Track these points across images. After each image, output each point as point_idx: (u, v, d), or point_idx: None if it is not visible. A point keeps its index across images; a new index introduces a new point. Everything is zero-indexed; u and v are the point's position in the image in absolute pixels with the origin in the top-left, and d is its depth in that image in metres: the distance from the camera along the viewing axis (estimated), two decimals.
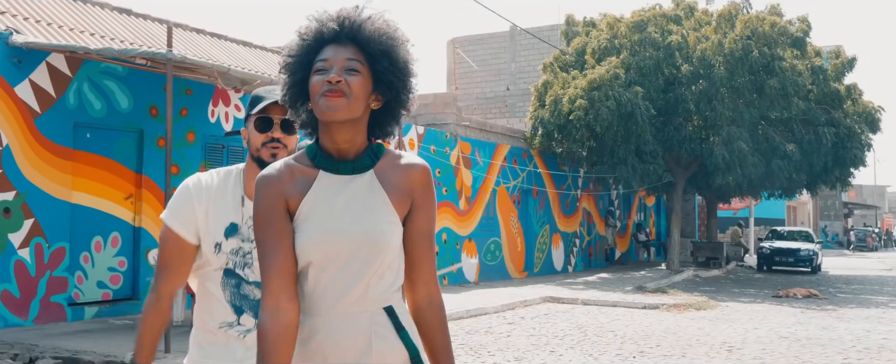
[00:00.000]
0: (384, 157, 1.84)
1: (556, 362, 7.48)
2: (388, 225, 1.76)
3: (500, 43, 32.44)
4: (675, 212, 20.36)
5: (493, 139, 17.77)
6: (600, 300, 13.13)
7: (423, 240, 1.81)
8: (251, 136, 2.32)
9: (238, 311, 2.31)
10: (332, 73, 1.74)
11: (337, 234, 1.75)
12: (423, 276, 1.81)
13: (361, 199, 1.78)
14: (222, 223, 2.28)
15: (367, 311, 1.76)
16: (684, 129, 18.64)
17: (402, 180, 1.81)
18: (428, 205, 1.82)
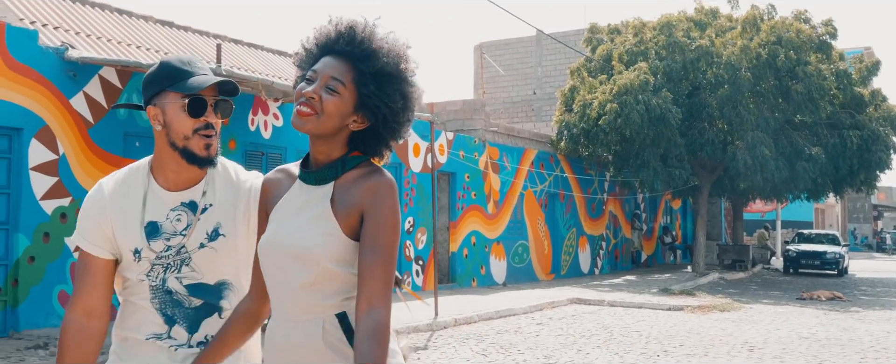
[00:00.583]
0: (354, 170, 1.82)
1: (584, 360, 7.84)
2: (322, 237, 1.75)
3: (526, 47, 32.81)
4: (701, 215, 20.58)
5: (521, 144, 18.15)
6: (626, 302, 13.46)
7: (366, 252, 1.75)
8: (176, 120, 2.01)
9: (169, 322, 2.08)
10: (313, 87, 1.75)
11: (275, 242, 1.80)
12: (365, 290, 1.73)
13: (308, 210, 1.79)
14: (137, 226, 2.06)
15: (317, 317, 1.78)
16: (708, 134, 18.87)
17: (354, 193, 1.78)
18: (376, 216, 1.75)
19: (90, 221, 2.07)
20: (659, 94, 17.47)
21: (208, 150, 2.02)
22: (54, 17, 10.48)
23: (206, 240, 2.07)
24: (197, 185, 2.09)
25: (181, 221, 2.07)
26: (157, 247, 2.04)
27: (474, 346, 8.74)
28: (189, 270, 2.06)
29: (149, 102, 2.04)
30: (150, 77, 2.07)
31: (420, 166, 14.62)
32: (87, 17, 10.81)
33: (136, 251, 2.04)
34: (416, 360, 7.83)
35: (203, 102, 2.00)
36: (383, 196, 1.76)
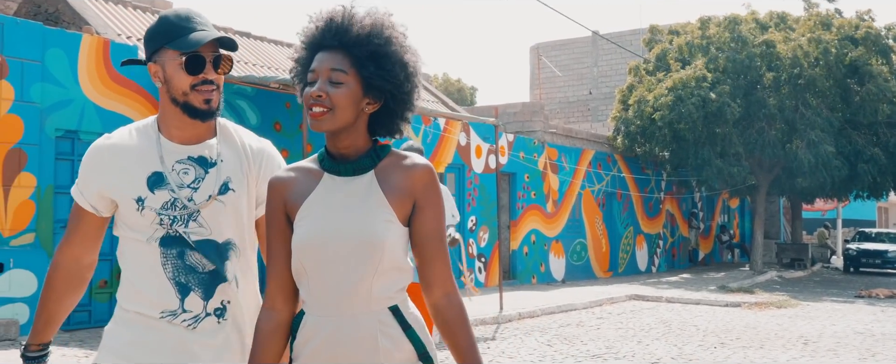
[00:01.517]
0: (387, 158, 1.82)
1: (644, 351, 8.32)
2: (383, 224, 1.73)
3: (582, 48, 33.11)
4: (759, 214, 20.71)
5: (579, 145, 18.59)
6: (683, 298, 13.83)
7: (430, 240, 1.78)
8: (175, 77, 1.99)
9: (183, 291, 2.00)
10: (317, 86, 1.73)
11: (329, 234, 1.74)
12: (438, 277, 1.78)
13: (358, 199, 1.76)
14: (141, 175, 2.01)
15: (371, 310, 1.74)
16: (767, 132, 19.02)
17: (403, 180, 1.78)
18: (431, 204, 1.78)
19: (88, 173, 2.05)
20: (716, 89, 17.70)
21: (208, 105, 2.00)
22: None
23: (216, 193, 2.03)
24: (206, 141, 2.08)
25: (189, 175, 2.03)
26: (162, 196, 1.99)
27: (539, 337, 9.28)
28: (196, 226, 2.01)
29: (150, 59, 2.04)
30: (149, 33, 2.04)
31: (482, 167, 15.19)
32: None
33: (139, 199, 1.99)
34: (486, 349, 8.41)
35: (201, 59, 1.98)
36: (434, 183, 1.79)
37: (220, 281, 2.02)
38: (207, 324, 2.01)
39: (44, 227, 8.70)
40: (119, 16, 11.54)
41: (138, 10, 12.19)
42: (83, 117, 9.06)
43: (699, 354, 8.13)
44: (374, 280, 1.73)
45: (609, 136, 19.86)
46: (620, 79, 30.88)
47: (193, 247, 2.00)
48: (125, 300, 2.04)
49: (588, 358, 7.83)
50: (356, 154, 1.80)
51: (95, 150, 2.06)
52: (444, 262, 1.78)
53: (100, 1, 11.61)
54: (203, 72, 1.99)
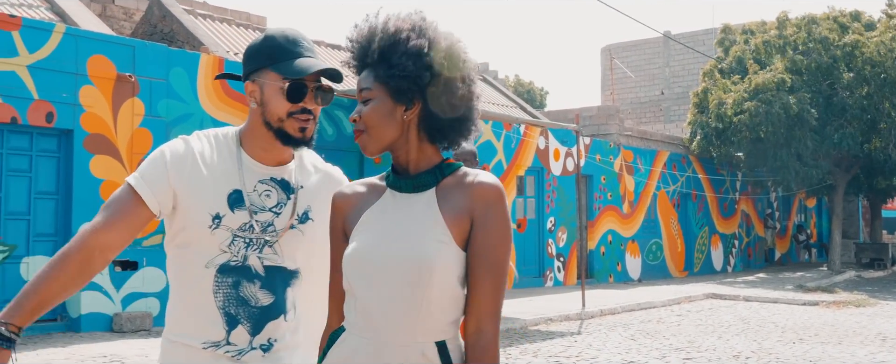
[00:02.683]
0: (452, 175, 1.67)
1: (725, 346, 8.78)
2: (435, 244, 1.57)
3: (653, 48, 33.24)
4: (836, 213, 20.69)
5: (653, 146, 18.96)
6: (761, 297, 14.13)
7: (478, 265, 1.58)
8: (273, 101, 1.89)
9: (231, 323, 1.90)
10: (354, 112, 1.67)
11: (377, 251, 1.60)
12: (475, 307, 1.58)
13: (413, 218, 1.62)
14: (222, 190, 1.89)
15: (416, 342, 1.58)
16: (845, 130, 18.99)
17: (463, 199, 1.62)
18: (488, 226, 1.59)
19: (163, 171, 1.89)
20: (796, 94, 17.83)
21: (303, 133, 1.90)
22: None
23: (297, 221, 1.95)
24: (287, 164, 1.99)
25: (271, 198, 1.94)
26: (240, 217, 1.89)
27: (622, 332, 9.81)
28: (271, 252, 1.92)
29: (248, 77, 1.93)
30: (252, 50, 1.94)
31: (560, 170, 15.74)
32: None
33: (217, 217, 1.87)
34: (574, 342, 8.99)
35: (304, 88, 1.88)
36: (495, 203, 1.60)
37: (271, 317, 1.92)
38: (252, 357, 1.91)
39: None
40: (225, 34, 12.50)
41: (242, 28, 13.15)
42: (202, 129, 9.97)
43: (778, 349, 8.56)
44: (422, 307, 1.56)
45: (685, 140, 20.13)
46: (692, 79, 30.93)
47: (253, 278, 1.90)
48: (171, 328, 1.95)
49: (672, 351, 8.35)
50: (417, 169, 1.67)
51: (176, 152, 1.91)
52: (487, 294, 1.57)
53: (208, 20, 12.60)
54: (303, 101, 1.89)
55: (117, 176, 9.09)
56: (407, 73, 1.60)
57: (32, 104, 8.57)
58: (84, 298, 8.67)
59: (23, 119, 8.49)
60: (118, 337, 8.38)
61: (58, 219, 8.91)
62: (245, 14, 15.13)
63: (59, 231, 8.89)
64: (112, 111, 9.16)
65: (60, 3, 10.41)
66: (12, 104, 8.41)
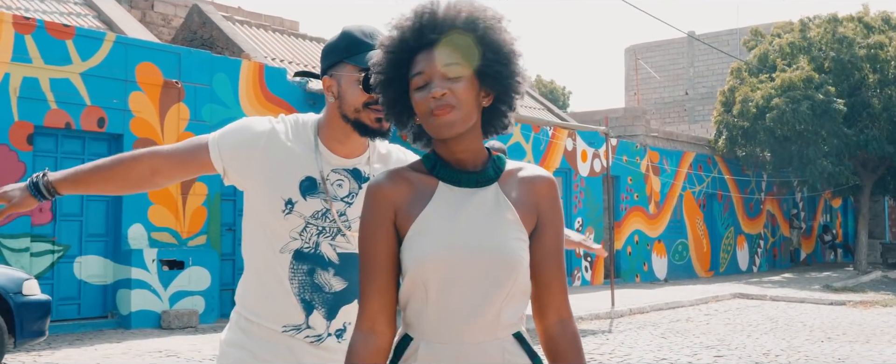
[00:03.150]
0: (507, 170, 1.65)
1: (754, 344, 8.99)
2: (516, 242, 1.57)
3: (678, 48, 33.28)
4: (863, 214, 20.73)
5: (679, 147, 19.12)
6: (788, 297, 14.28)
7: (551, 259, 1.60)
8: (349, 92, 1.90)
9: (308, 308, 1.93)
10: (435, 87, 1.52)
11: (461, 251, 1.54)
12: (554, 301, 1.61)
13: (487, 214, 1.58)
14: (295, 176, 1.91)
15: (497, 338, 1.57)
16: (870, 132, 19.06)
17: (528, 194, 1.62)
18: (555, 220, 1.62)
19: (240, 145, 1.92)
20: (823, 89, 17.91)
21: (380, 123, 1.91)
22: (297, 55, 12.64)
23: None
24: (361, 154, 2.01)
25: (343, 188, 1.96)
26: (313, 205, 1.91)
27: (652, 330, 10.04)
28: (344, 240, 1.94)
29: (325, 72, 1.97)
30: (329, 46, 1.98)
31: (587, 171, 15.97)
32: (317, 54, 12.91)
33: (289, 202, 1.89)
34: (605, 340, 9.23)
35: None
36: (557, 198, 1.65)
37: (344, 302, 1.95)
38: (329, 343, 1.95)
39: (213, 230, 9.98)
40: (262, 39, 12.85)
41: (277, 33, 13.50)
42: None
43: (807, 348, 8.75)
44: (504, 304, 1.55)
45: (710, 140, 20.27)
46: (717, 79, 30.98)
47: (326, 265, 1.92)
48: (247, 307, 1.97)
49: (702, 349, 8.57)
50: (473, 162, 1.61)
51: (255, 131, 1.93)
52: (562, 286, 1.61)
53: (245, 26, 12.95)
54: None
55: None
56: (511, 66, 1.58)
57: (85, 110, 8.94)
58: (134, 296, 9.03)
59: (76, 124, 8.86)
60: (167, 333, 8.73)
61: (108, 220, 9.28)
62: (278, 19, 15.49)
63: (110, 232, 9.26)
64: (159, 116, 9.52)
65: (107, 11, 10.80)
66: (67, 110, 8.79)
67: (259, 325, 1.94)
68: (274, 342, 1.92)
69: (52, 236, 8.79)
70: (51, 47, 8.67)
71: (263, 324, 1.93)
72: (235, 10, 14.82)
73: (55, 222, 8.85)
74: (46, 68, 8.63)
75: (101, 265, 9.15)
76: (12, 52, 8.39)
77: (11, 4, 10.09)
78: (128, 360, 7.09)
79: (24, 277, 6.26)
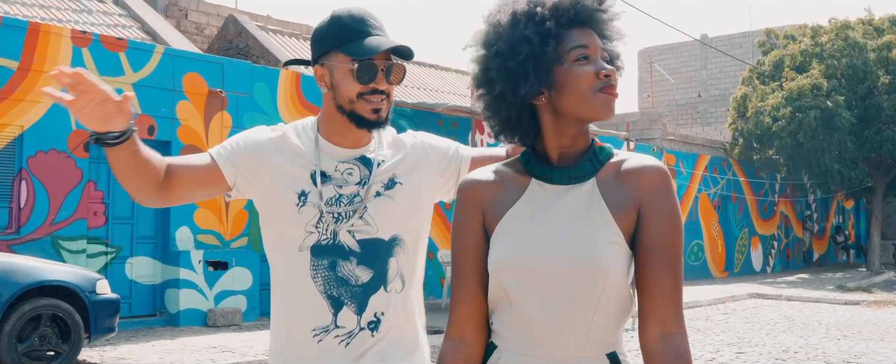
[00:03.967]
0: (609, 162, 1.48)
1: (773, 342, 9.40)
2: (607, 245, 1.40)
3: (690, 51, 33.63)
4: (875, 215, 21.07)
5: (695, 150, 19.52)
6: (803, 297, 14.67)
7: (652, 260, 1.40)
8: (343, 84, 1.84)
9: (336, 305, 1.86)
10: (603, 66, 1.43)
11: (540, 255, 1.41)
12: (656, 309, 1.40)
13: (576, 214, 1.44)
14: (304, 172, 1.88)
15: (586, 355, 1.41)
16: (883, 135, 19.39)
17: (627, 187, 1.44)
18: (660, 215, 1.42)
19: (246, 151, 1.88)
20: (831, 98, 18.28)
21: (377, 115, 1.84)
22: None
23: (383, 188, 1.91)
24: (368, 144, 1.95)
25: (354, 175, 1.91)
26: (327, 192, 1.86)
27: None
28: (362, 224, 1.87)
29: (317, 61, 1.89)
30: (319, 33, 1.89)
31: None
32: None
33: (302, 194, 1.85)
34: (629, 338, 9.66)
35: (374, 68, 1.82)
36: (664, 188, 1.44)
37: (372, 291, 1.87)
38: (361, 340, 1.87)
39: (254, 233, 10.46)
40: (295, 48, 13.32)
41: (307, 41, 13.98)
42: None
43: (824, 345, 9.16)
44: (594, 317, 1.40)
45: (725, 143, 20.65)
46: (730, 81, 31.33)
47: (348, 255, 1.86)
48: (277, 318, 1.93)
49: (724, 346, 8.99)
50: (574, 156, 1.48)
51: (257, 138, 1.91)
52: (667, 292, 1.41)
53: (277, 35, 13.43)
54: (374, 81, 1.83)
55: None
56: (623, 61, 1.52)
57: (136, 119, 9.38)
58: (182, 296, 9.50)
59: None
60: (214, 331, 9.20)
61: (157, 223, 9.76)
62: (306, 27, 15.97)
63: (159, 234, 9.74)
64: (204, 124, 10.00)
65: (150, 22, 11.29)
66: None
67: (288, 333, 1.90)
68: (306, 343, 1.86)
69: (105, 238, 9.27)
70: (105, 59, 9.16)
71: (293, 331, 1.89)
72: (265, 18, 15.30)
73: (108, 225, 9.34)
74: (101, 79, 9.08)
75: (150, 266, 9.63)
76: (71, 64, 8.88)
77: (63, 17, 10.59)
78: (186, 355, 7.56)
79: (96, 277, 6.75)
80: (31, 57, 8.60)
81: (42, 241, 8.55)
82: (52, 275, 6.42)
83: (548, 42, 1.41)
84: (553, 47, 1.41)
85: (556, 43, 1.41)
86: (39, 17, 10.21)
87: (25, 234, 8.47)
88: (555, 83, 1.42)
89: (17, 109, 8.51)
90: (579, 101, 1.42)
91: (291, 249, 1.86)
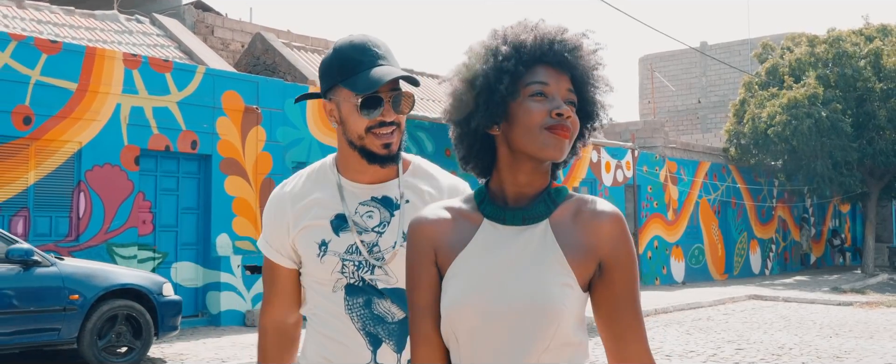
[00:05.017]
0: (564, 204, 1.45)
1: (770, 339, 10.17)
2: (559, 288, 1.37)
3: (690, 58, 34.39)
4: (870, 219, 21.83)
5: (696, 157, 20.30)
6: (799, 298, 15.44)
7: (622, 307, 1.39)
8: (350, 119, 1.80)
9: (374, 342, 1.81)
10: (560, 105, 1.39)
11: (490, 298, 1.38)
12: (631, 355, 1.39)
13: (529, 256, 1.41)
14: (325, 217, 1.84)
15: None
16: (878, 142, 20.12)
17: (585, 234, 1.41)
18: (622, 265, 1.40)
19: (271, 223, 1.91)
20: (828, 107, 19.04)
21: (388, 149, 1.80)
22: None
23: (401, 239, 1.83)
24: (391, 180, 1.89)
25: (373, 218, 1.86)
26: (346, 240, 1.83)
27: (677, 328, 11.23)
28: (383, 274, 1.83)
29: (325, 95, 1.87)
30: (324, 66, 1.85)
31: (611, 181, 17.17)
32: None
33: (322, 244, 1.83)
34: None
35: (379, 101, 1.78)
36: (623, 238, 1.42)
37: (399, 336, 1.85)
38: None
39: None
40: (317, 64, 14.09)
41: None
42: (310, 152, 11.57)
43: (817, 342, 9.92)
44: (542, 357, 1.38)
45: (723, 146, 21.44)
46: (729, 87, 32.11)
47: (382, 294, 1.82)
48: (311, 359, 1.89)
49: (725, 343, 9.75)
50: (529, 197, 1.46)
51: (277, 200, 1.92)
52: (638, 337, 1.42)
53: (302, 51, 14.20)
54: (381, 114, 1.79)
55: (246, 193, 10.69)
56: (605, 107, 1.51)
57: (181, 134, 10.20)
58: (222, 298, 10.27)
59: (174, 147, 10.11)
60: (253, 330, 9.96)
61: (199, 230, 10.53)
62: (323, 41, 16.73)
63: (200, 241, 10.51)
64: (241, 138, 10.77)
65: (187, 42, 12.06)
66: (166, 135, 10.05)
67: None
68: None
69: (153, 245, 10.04)
70: (153, 79, 9.93)
71: None
72: (286, 33, 16.07)
73: (155, 233, 10.10)
74: (150, 98, 9.90)
75: (193, 270, 10.39)
76: (123, 84, 9.65)
77: (108, 38, 11.36)
78: (236, 351, 8.32)
79: (162, 281, 7.52)
80: (87, 78, 9.36)
81: (98, 248, 9.30)
82: (126, 278, 7.19)
83: (501, 78, 1.40)
84: (507, 83, 1.40)
85: (510, 78, 1.40)
86: (87, 39, 10.97)
87: (84, 242, 9.23)
88: (509, 116, 1.41)
89: (76, 127, 9.27)
90: (527, 135, 1.39)
91: (325, 293, 1.85)
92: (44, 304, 6.60)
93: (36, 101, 8.94)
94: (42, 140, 9.01)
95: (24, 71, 8.89)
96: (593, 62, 1.47)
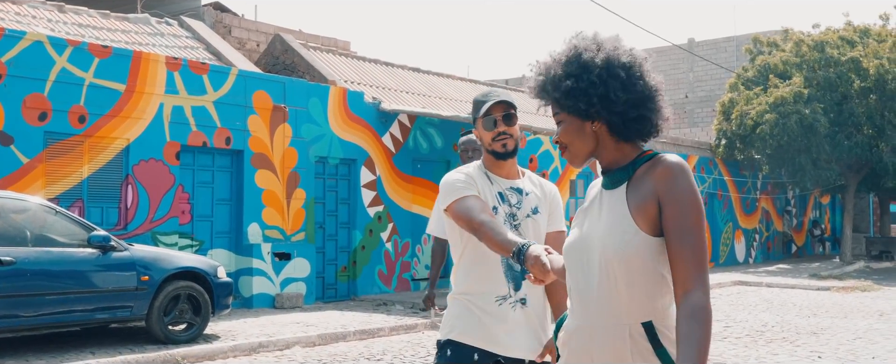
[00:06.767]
0: (643, 166, 1.86)
1: (754, 318, 11.19)
2: (620, 236, 1.79)
3: (677, 54, 35.36)
4: (848, 210, 22.92)
5: (684, 151, 21.31)
6: (781, 283, 16.50)
7: (674, 238, 1.73)
8: (482, 134, 2.79)
9: (511, 279, 2.73)
10: (556, 133, 2.00)
11: (579, 244, 1.90)
12: (678, 275, 1.73)
13: (606, 212, 1.86)
14: (493, 193, 2.78)
15: (621, 323, 1.79)
16: (856, 138, 21.18)
17: (646, 184, 1.80)
18: (673, 201, 1.76)
19: (466, 185, 2.71)
20: (810, 105, 20.08)
21: (505, 148, 2.77)
22: (363, 77, 14.79)
23: (531, 213, 2.81)
24: (519, 178, 2.87)
25: (513, 198, 2.80)
26: (503, 209, 2.76)
27: None
28: (517, 233, 2.68)
29: (474, 126, 2.87)
30: (472, 109, 2.89)
31: None
32: (394, 76, 15.08)
33: (494, 208, 2.72)
34: None
35: (493, 119, 2.76)
36: (676, 177, 1.76)
37: (523, 277, 2.72)
38: (521, 308, 2.74)
39: (310, 228, 12.13)
40: (334, 64, 14.96)
41: (343, 56, 15.63)
42: (331, 147, 12.47)
43: (796, 321, 10.95)
44: (623, 292, 1.75)
45: (711, 144, 22.45)
46: (715, 83, 33.11)
47: None
48: (462, 289, 2.79)
49: (713, 322, 10.74)
50: (615, 168, 1.90)
51: (464, 176, 2.76)
52: (685, 260, 1.70)
53: (318, 52, 15.07)
54: (496, 127, 2.76)
55: (274, 186, 11.59)
56: (588, 98, 1.83)
57: (216, 131, 11.07)
58: (254, 282, 11.17)
59: (210, 143, 10.98)
60: (283, 311, 10.87)
61: (232, 220, 11.41)
62: (333, 40, 17.58)
63: (233, 230, 11.39)
64: (270, 135, 11.65)
65: (214, 44, 12.90)
66: (204, 132, 10.92)
67: (473, 300, 2.74)
68: (492, 307, 2.71)
69: (191, 233, 10.92)
70: (192, 81, 10.79)
71: (477, 299, 2.73)
72: (299, 32, 16.92)
73: (193, 222, 10.98)
74: (189, 98, 10.76)
75: (226, 256, 11.28)
76: (165, 86, 10.51)
77: (141, 41, 12.19)
78: (278, 328, 9.24)
79: (217, 264, 8.41)
80: (134, 80, 10.22)
81: (144, 236, 10.18)
82: (187, 262, 8.09)
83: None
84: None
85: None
86: (124, 42, 11.80)
87: (131, 230, 10.10)
88: None
89: (125, 125, 10.13)
90: None
91: None
92: (120, 284, 7.48)
93: (89, 101, 9.79)
94: (94, 137, 9.86)
95: (78, 73, 9.73)
96: (555, 85, 1.94)
